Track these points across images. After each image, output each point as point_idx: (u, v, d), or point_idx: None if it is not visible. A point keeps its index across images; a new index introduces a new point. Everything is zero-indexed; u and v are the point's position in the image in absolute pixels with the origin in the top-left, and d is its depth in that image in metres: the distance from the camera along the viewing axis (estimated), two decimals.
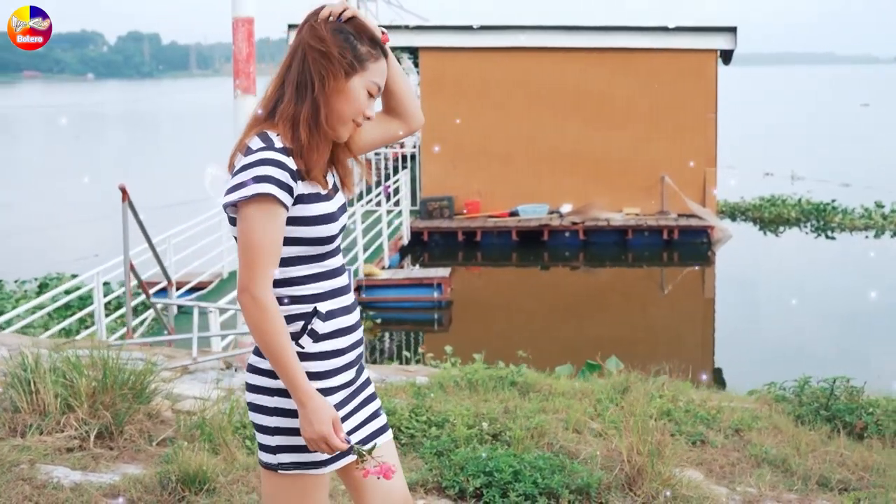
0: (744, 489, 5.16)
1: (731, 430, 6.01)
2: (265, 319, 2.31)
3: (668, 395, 6.37)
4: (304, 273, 2.43)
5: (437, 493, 4.63)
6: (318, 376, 2.43)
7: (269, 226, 2.31)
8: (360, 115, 2.43)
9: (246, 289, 2.32)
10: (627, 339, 14.26)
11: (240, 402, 5.64)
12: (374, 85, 2.44)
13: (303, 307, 2.42)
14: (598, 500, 4.68)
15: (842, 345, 13.85)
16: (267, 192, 2.29)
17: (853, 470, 5.56)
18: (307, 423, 2.34)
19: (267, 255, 2.32)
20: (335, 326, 2.46)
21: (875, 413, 6.16)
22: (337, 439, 2.35)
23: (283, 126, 2.38)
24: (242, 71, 6.38)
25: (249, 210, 2.30)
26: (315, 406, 2.33)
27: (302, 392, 2.33)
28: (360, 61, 2.39)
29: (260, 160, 2.31)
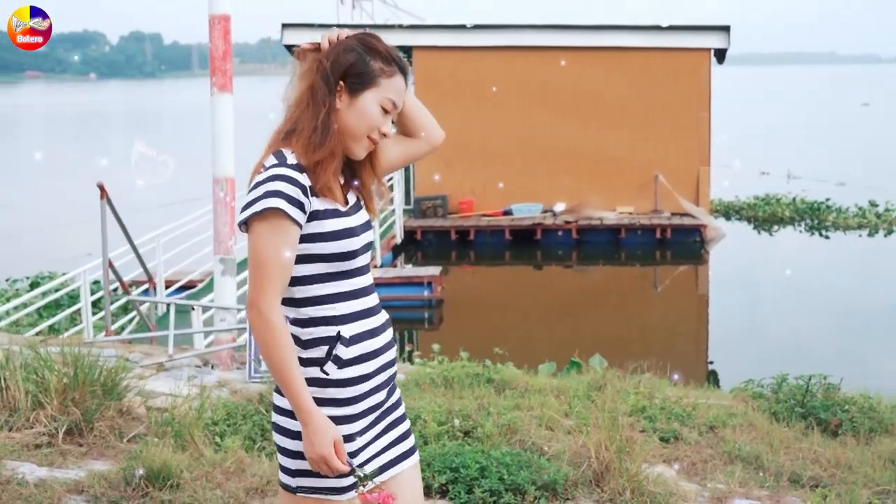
0: (714, 486, 5.17)
1: (706, 426, 6.02)
2: (271, 336, 2.29)
3: (644, 392, 6.38)
4: (327, 292, 2.39)
5: None
6: (339, 403, 2.41)
7: (278, 241, 2.29)
8: (375, 130, 2.41)
9: (254, 305, 2.31)
10: (620, 337, 14.26)
11: (211, 398, 5.65)
12: (389, 101, 2.42)
13: (327, 330, 2.38)
14: (565, 497, 4.69)
15: (835, 343, 13.86)
16: (275, 207, 2.27)
17: (825, 467, 5.57)
18: (308, 443, 2.32)
19: (275, 271, 2.30)
20: (360, 351, 2.42)
21: (850, 410, 6.16)
22: (337, 461, 2.33)
23: (297, 143, 2.37)
24: (219, 69, 6.39)
25: (259, 226, 2.30)
26: (317, 426, 2.31)
27: (305, 411, 2.31)
28: (372, 77, 2.39)
29: (270, 177, 2.31)
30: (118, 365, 5.33)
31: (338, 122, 2.38)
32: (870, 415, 6.20)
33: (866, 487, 5.32)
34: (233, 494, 4.39)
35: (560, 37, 19.93)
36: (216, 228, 6.28)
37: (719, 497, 4.98)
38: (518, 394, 6.37)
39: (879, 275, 17.90)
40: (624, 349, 13.07)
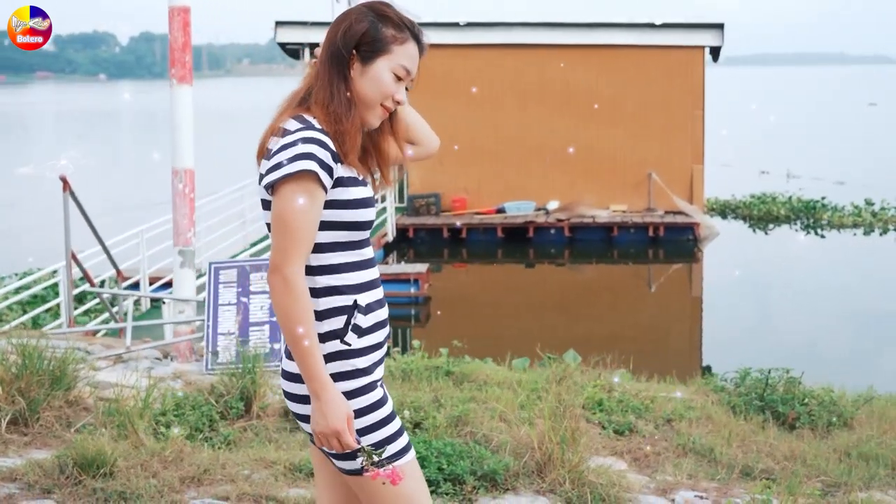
0: (663, 478, 5.14)
1: (663, 419, 6.00)
2: (293, 301, 2.24)
3: (603, 385, 6.35)
4: (342, 260, 2.36)
5: None
6: (363, 372, 2.37)
7: (307, 205, 2.25)
8: (389, 98, 2.39)
9: (278, 268, 2.25)
10: (611, 335, 14.22)
11: (161, 389, 5.65)
12: (402, 68, 2.40)
13: (344, 299, 2.35)
14: (506, 487, 4.68)
15: (829, 340, 13.80)
16: (309, 170, 2.23)
17: (779, 460, 5.54)
18: (320, 416, 2.26)
19: (303, 235, 2.26)
20: (374, 320, 2.41)
21: (809, 404, 6.13)
22: (349, 436, 2.27)
23: (317, 110, 2.35)
24: (178, 60, 6.39)
25: (288, 188, 2.24)
26: (330, 398, 2.25)
27: (319, 382, 2.25)
28: (384, 44, 2.37)
29: (302, 139, 2.27)
30: (67, 356, 5.33)
31: (352, 89, 2.36)
32: (830, 408, 6.17)
33: (818, 480, 5.31)
34: (167, 483, 4.38)
35: (554, 35, 19.91)
36: (175, 220, 6.28)
37: (664, 489, 4.95)
38: (476, 387, 6.35)
39: (873, 273, 17.84)
40: (616, 348, 13.04)
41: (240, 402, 5.38)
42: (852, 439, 5.78)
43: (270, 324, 6.32)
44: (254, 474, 4.58)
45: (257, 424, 5.32)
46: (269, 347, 6.27)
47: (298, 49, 20.25)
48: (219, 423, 5.30)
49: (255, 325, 6.31)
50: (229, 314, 6.28)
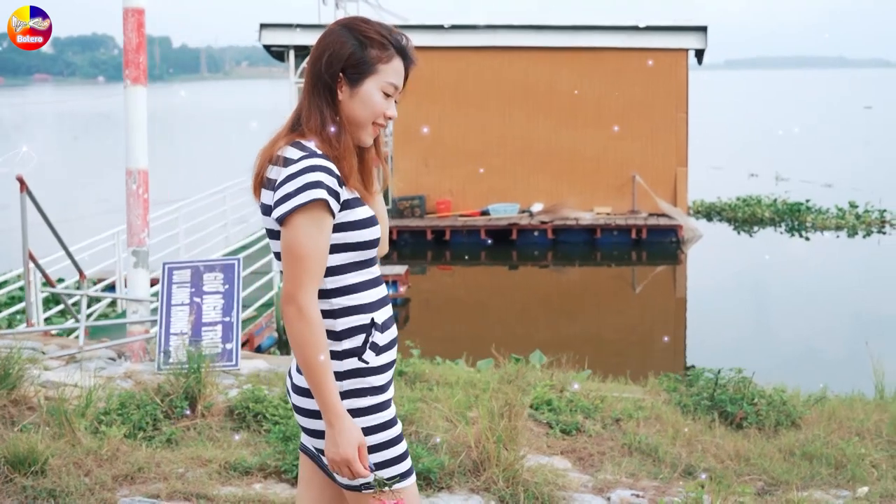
0: (603, 476, 5.17)
1: (611, 419, 6.02)
2: (309, 332, 2.27)
3: (554, 384, 6.37)
4: (357, 280, 2.40)
5: (276, 477, 4.65)
6: (378, 390, 2.40)
7: (318, 234, 2.28)
8: (380, 116, 2.42)
9: (293, 298, 2.28)
10: (594, 337, 14.25)
11: (108, 388, 5.67)
12: (390, 85, 2.42)
13: (361, 318, 2.38)
14: (440, 485, 4.70)
15: (810, 341, 13.82)
16: (320, 198, 2.27)
17: (722, 459, 5.57)
18: (332, 444, 2.29)
19: (315, 263, 2.29)
20: (390, 337, 2.45)
21: (758, 403, 6.15)
22: (360, 465, 2.30)
23: (312, 136, 2.37)
24: (132, 61, 6.41)
25: (298, 218, 2.27)
26: (344, 427, 2.28)
27: (333, 412, 2.28)
28: (370, 65, 2.39)
29: (309, 167, 2.29)
30: (13, 355, 5.35)
31: (342, 112, 2.39)
32: (780, 408, 6.19)
33: (759, 479, 5.33)
34: (100, 481, 4.41)
35: (538, 37, 19.94)
36: (129, 221, 6.30)
37: (601, 487, 4.98)
38: (428, 387, 6.37)
39: (856, 275, 17.87)
40: (598, 349, 13.08)
41: (184, 401, 5.40)
42: (798, 439, 5.81)
43: (223, 324, 6.34)
44: (188, 473, 4.61)
45: (201, 424, 5.34)
46: (221, 348, 6.29)
47: (283, 51, 20.29)
48: (163, 422, 5.31)
49: (208, 326, 6.33)
50: (182, 314, 6.30)
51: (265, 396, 5.53)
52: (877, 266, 18.68)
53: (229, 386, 5.98)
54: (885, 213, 21.60)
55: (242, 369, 6.33)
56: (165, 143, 54.50)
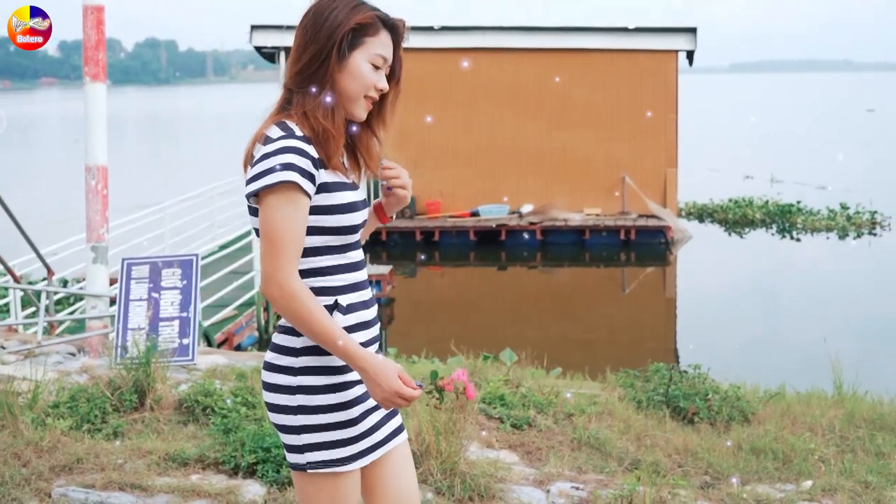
0: (548, 470, 5.19)
1: (564, 414, 6.04)
2: (298, 305, 2.29)
3: (508, 379, 6.40)
4: (328, 264, 2.40)
5: (215, 469, 4.69)
6: (339, 370, 2.40)
7: (292, 214, 2.29)
8: (371, 88, 2.42)
9: (272, 279, 2.30)
10: (582, 337, 14.25)
11: (60, 381, 5.72)
12: (378, 57, 2.43)
13: (324, 299, 2.39)
14: None
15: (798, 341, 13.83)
16: (290, 180, 2.27)
17: (670, 453, 5.59)
18: (375, 386, 2.31)
19: (291, 243, 2.30)
20: (356, 320, 2.44)
21: (711, 399, 6.17)
22: (409, 390, 2.33)
23: (298, 115, 2.37)
24: (91, 59, 6.46)
25: (272, 199, 2.29)
26: (376, 367, 2.31)
27: (359, 360, 2.30)
28: (356, 37, 2.39)
29: (281, 148, 2.30)
30: None
31: (334, 88, 2.39)
32: (734, 404, 6.21)
33: (704, 473, 5.36)
34: (37, 471, 4.45)
35: (527, 39, 19.99)
36: (88, 216, 6.34)
37: (542, 480, 5.01)
38: None
39: (846, 276, 17.87)
40: (587, 349, 13.11)
41: (133, 394, 5.44)
42: (749, 434, 5.83)
43: (180, 319, 6.38)
44: (126, 464, 4.64)
45: (149, 417, 5.38)
46: (178, 343, 6.33)
47: (274, 53, 20.35)
48: (111, 415, 5.35)
49: (165, 321, 6.37)
50: (140, 309, 6.33)
51: (215, 390, 5.57)
52: (866, 267, 18.67)
53: (183, 380, 6.02)
54: (876, 215, 21.61)
55: (200, 364, 6.37)
56: (166, 145, 54.71)
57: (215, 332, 11.18)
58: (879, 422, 6.20)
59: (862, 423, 6.19)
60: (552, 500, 4.77)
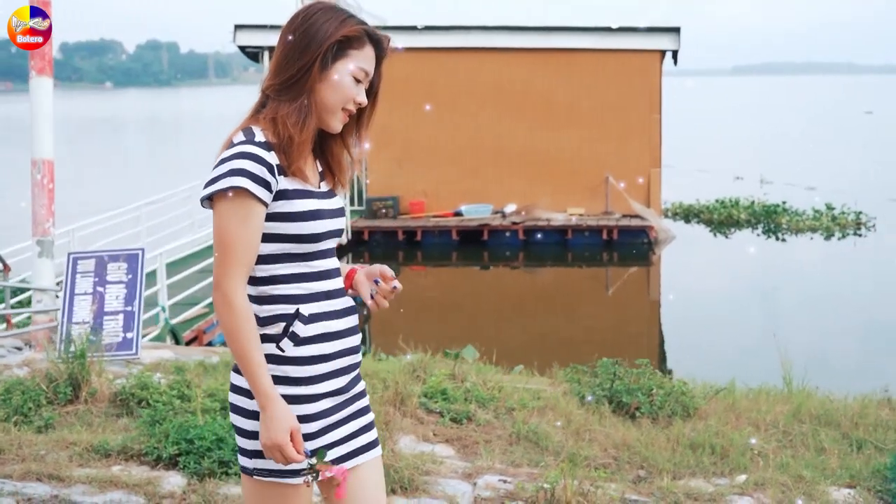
0: (480, 463, 5.19)
1: (506, 409, 6.03)
2: (233, 318, 2.26)
3: (454, 374, 6.39)
4: (288, 272, 2.36)
5: (137, 460, 4.68)
6: (298, 382, 2.35)
7: (243, 221, 2.26)
8: (349, 101, 2.39)
9: (219, 286, 2.27)
10: (561, 337, 14.22)
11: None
12: (360, 70, 2.40)
13: (285, 307, 2.35)
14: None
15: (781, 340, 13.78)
16: (239, 186, 2.24)
17: (607, 447, 5.58)
18: (265, 429, 2.26)
19: (239, 251, 2.26)
20: (320, 330, 2.38)
21: (655, 394, 6.16)
22: (292, 450, 2.26)
23: (267, 120, 2.34)
24: (37, 52, 6.46)
25: (223, 205, 2.26)
26: (274, 412, 2.25)
27: (264, 396, 2.25)
28: (341, 48, 2.36)
29: (236, 154, 2.27)
30: None
31: (311, 97, 2.35)
32: (679, 399, 6.19)
33: (640, 468, 5.35)
34: None
35: (511, 39, 20.00)
36: (33, 210, 6.34)
37: (470, 473, 5.00)
38: None
39: (828, 276, 17.87)
40: (569, 349, 13.07)
41: (68, 387, 5.44)
42: (690, 429, 5.82)
43: (125, 313, 6.37)
44: (48, 455, 4.64)
45: (82, 409, 5.37)
46: (122, 337, 6.32)
47: (258, 52, 20.36)
48: (45, 407, 5.35)
49: (110, 315, 6.36)
50: (85, 303, 6.33)
51: (152, 383, 5.56)
52: (848, 268, 18.67)
53: (124, 374, 6.01)
54: (861, 216, 21.60)
55: (145, 358, 6.37)
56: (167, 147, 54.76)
57: (185, 329, 11.17)
58: (825, 417, 6.19)
59: (807, 419, 6.19)
60: (477, 493, 4.76)
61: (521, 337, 14.11)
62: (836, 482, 5.04)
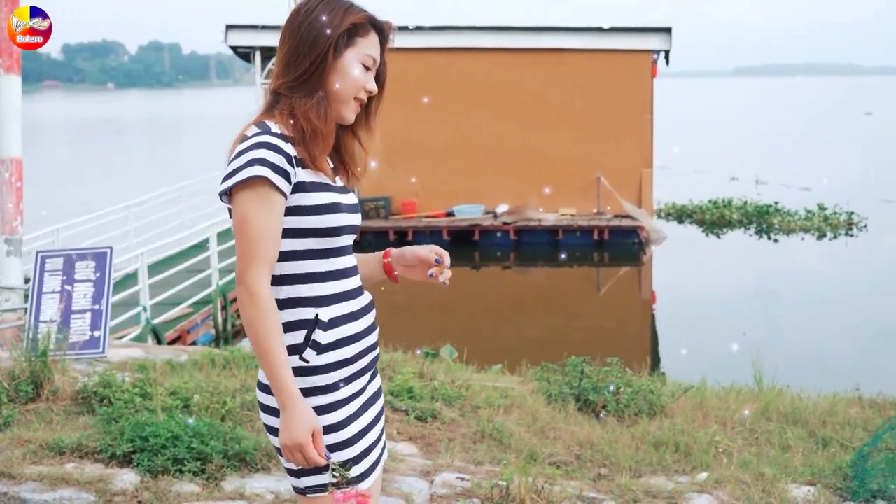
0: (441, 461, 5.18)
1: (472, 407, 6.02)
2: (257, 313, 2.18)
3: (423, 373, 6.38)
4: (311, 270, 2.30)
5: (92, 458, 4.67)
6: (324, 390, 2.31)
7: (265, 212, 2.20)
8: (360, 90, 2.38)
9: (241, 280, 2.20)
10: (555, 337, 14.20)
11: None
12: (369, 57, 2.39)
13: (305, 312, 2.30)
14: (259, 467, 4.72)
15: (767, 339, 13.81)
16: (260, 175, 2.19)
17: (569, 445, 5.58)
18: (285, 429, 2.18)
19: (263, 243, 2.20)
20: (339, 335, 2.33)
21: (622, 392, 6.15)
22: (314, 451, 2.19)
23: (284, 115, 2.31)
24: (5, 50, 6.46)
25: (243, 196, 2.20)
26: (297, 411, 2.18)
27: (286, 394, 2.18)
28: (348, 37, 2.35)
29: (254, 144, 2.23)
30: None
31: (324, 88, 2.33)
32: (647, 398, 6.19)
33: (602, 465, 5.34)
34: None
35: (503, 39, 19.99)
36: (2, 209, 6.34)
37: (428, 471, 4.99)
38: None
39: (818, 275, 17.86)
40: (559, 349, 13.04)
41: (30, 385, 5.43)
42: (655, 427, 5.81)
43: (92, 311, 6.37)
44: (2, 453, 4.63)
45: (43, 407, 5.37)
46: (89, 335, 6.31)
47: (250, 52, 20.38)
48: (6, 405, 5.34)
49: (77, 313, 6.36)
50: (52, 302, 6.32)
51: (115, 382, 5.56)
52: (842, 268, 18.65)
53: (90, 372, 6.01)
54: (853, 216, 21.59)
55: (113, 357, 6.36)
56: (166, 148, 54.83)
57: (168, 329, 11.16)
58: (793, 416, 6.19)
59: (775, 417, 6.18)
60: (434, 491, 4.75)
61: (510, 337, 14.12)
62: (796, 479, 5.03)
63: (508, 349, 11.84)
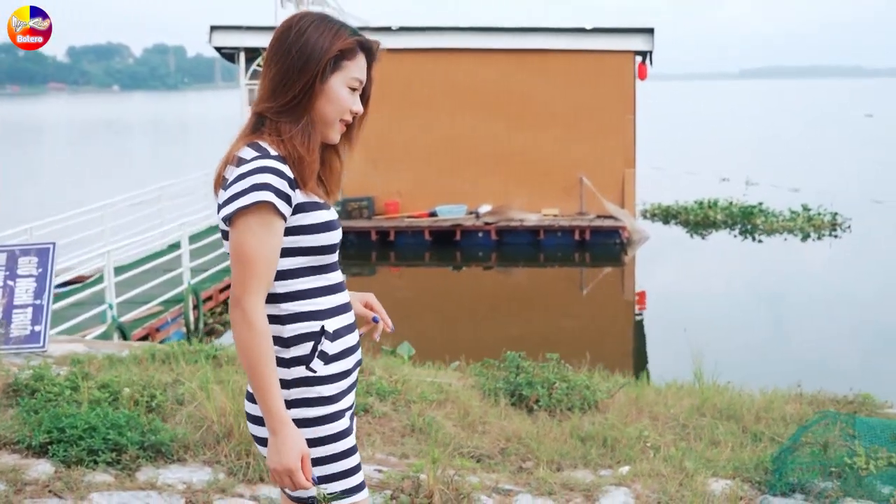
0: (363, 454, 5.22)
1: (405, 402, 6.07)
2: (252, 338, 2.21)
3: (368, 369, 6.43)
4: (309, 286, 2.34)
5: (9, 449, 4.72)
6: (328, 401, 2.34)
7: (265, 237, 2.22)
8: (346, 112, 2.40)
9: (238, 303, 2.22)
10: (526, 338, 14.23)
11: None
12: (355, 80, 2.41)
13: (310, 325, 2.33)
14: (175, 458, 4.76)
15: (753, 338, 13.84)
16: (265, 201, 2.21)
17: (497, 439, 5.62)
18: (274, 453, 2.22)
19: (261, 267, 2.23)
20: (342, 346, 2.38)
21: (556, 387, 6.18)
22: (302, 476, 2.23)
23: (271, 136, 2.32)
24: None
25: (245, 220, 2.22)
26: (287, 437, 2.21)
27: (277, 419, 2.21)
28: (336, 61, 2.36)
29: (257, 168, 2.24)
30: None
31: (311, 111, 2.35)
32: (582, 393, 6.23)
33: (526, 459, 5.38)
34: None
35: (486, 39, 20.04)
36: None
37: None
38: (235, 369, 6.43)
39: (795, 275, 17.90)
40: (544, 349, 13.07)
41: None
42: (585, 422, 5.85)
43: (34, 306, 6.42)
44: None
45: None
46: (30, 330, 6.36)
47: (234, 53, 20.45)
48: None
49: (19, 308, 6.41)
50: None
51: (48, 375, 5.60)
52: (825, 268, 18.66)
53: (26, 366, 6.06)
54: (837, 216, 21.60)
55: (55, 351, 6.41)
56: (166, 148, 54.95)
57: (135, 327, 11.21)
58: (728, 411, 6.22)
59: (709, 413, 6.21)
60: None
61: (489, 337, 14.13)
62: (717, 473, 5.07)
63: (487, 348, 11.81)
